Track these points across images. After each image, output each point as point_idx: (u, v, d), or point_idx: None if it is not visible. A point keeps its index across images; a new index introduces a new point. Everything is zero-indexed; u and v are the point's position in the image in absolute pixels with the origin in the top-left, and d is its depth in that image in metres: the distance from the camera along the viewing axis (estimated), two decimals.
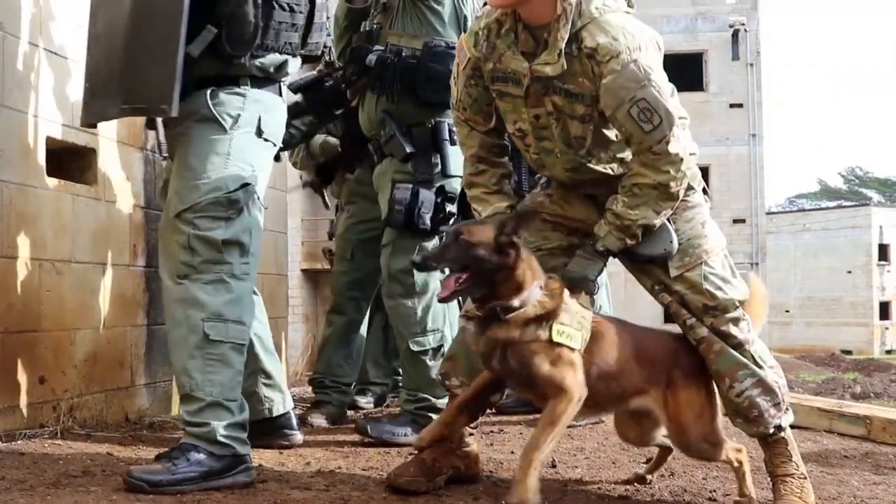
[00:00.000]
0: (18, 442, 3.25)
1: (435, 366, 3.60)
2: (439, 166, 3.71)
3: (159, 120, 3.22)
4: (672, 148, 2.67)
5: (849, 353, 27.29)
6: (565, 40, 2.65)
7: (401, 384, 4.39)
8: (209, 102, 2.96)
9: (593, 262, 2.82)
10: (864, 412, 4.51)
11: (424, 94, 3.63)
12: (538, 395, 2.71)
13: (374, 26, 3.77)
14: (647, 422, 2.92)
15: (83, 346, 3.73)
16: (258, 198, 3.03)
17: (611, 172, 2.88)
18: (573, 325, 2.64)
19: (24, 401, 3.39)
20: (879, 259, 35.71)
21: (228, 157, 2.95)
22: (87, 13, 3.10)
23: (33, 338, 3.46)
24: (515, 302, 2.60)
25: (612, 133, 2.80)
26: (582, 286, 2.79)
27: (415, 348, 3.69)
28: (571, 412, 2.61)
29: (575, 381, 2.61)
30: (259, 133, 3.04)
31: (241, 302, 2.96)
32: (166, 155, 2.96)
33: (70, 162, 3.81)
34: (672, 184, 2.71)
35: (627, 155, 2.83)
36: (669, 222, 2.82)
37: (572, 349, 2.62)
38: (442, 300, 2.69)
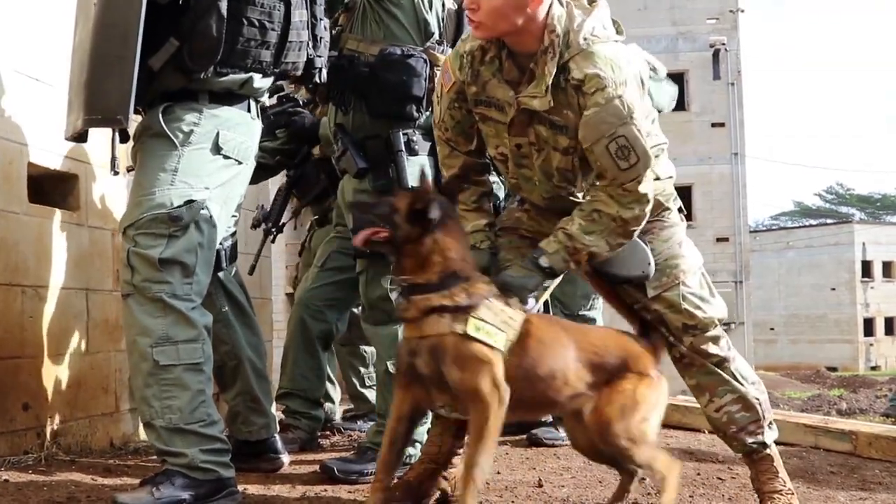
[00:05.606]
0: (2, 469, 3.22)
1: None
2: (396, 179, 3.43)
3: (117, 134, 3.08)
4: (643, 188, 2.66)
5: (834, 369, 27.39)
6: (553, 74, 2.63)
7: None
8: (160, 118, 2.92)
9: (532, 275, 2.72)
10: (850, 428, 4.52)
11: (376, 105, 3.43)
12: (454, 399, 2.56)
13: (336, 28, 3.59)
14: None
15: (67, 372, 3.71)
16: (210, 216, 2.94)
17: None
18: (496, 323, 2.53)
19: (7, 428, 3.37)
20: (863, 276, 35.93)
21: (175, 174, 2.89)
22: (70, 38, 3.09)
23: (16, 364, 3.44)
24: (420, 280, 2.53)
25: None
26: (516, 293, 2.67)
27: (393, 370, 3.45)
28: (495, 420, 2.48)
29: (491, 386, 2.48)
30: (216, 149, 2.97)
31: (189, 320, 2.85)
32: (117, 170, 2.95)
33: (52, 187, 3.80)
34: (632, 222, 2.68)
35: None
36: (646, 243, 2.82)
37: (491, 347, 2.50)
38: (355, 248, 2.76)
